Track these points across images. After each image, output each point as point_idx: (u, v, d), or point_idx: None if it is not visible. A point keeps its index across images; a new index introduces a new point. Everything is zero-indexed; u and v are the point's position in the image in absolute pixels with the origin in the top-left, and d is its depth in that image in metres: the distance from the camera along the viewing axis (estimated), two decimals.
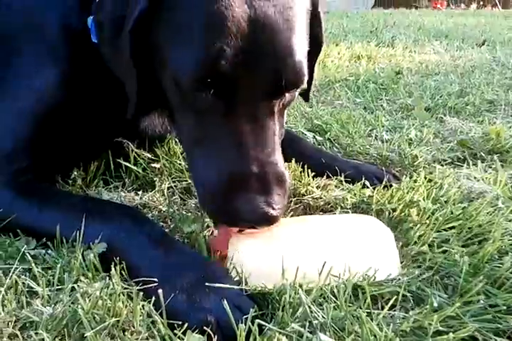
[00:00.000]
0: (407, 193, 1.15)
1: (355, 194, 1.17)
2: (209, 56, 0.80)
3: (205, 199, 0.91)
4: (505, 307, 0.78)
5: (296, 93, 0.90)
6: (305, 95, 1.16)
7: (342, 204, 1.13)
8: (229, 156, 0.85)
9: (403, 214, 1.07)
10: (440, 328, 0.72)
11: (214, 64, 0.80)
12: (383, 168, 1.33)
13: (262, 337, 0.70)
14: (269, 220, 0.84)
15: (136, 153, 1.24)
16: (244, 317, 0.71)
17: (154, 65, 0.90)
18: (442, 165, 1.43)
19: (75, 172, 1.15)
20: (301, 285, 0.79)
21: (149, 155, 1.28)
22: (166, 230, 0.99)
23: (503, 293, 0.83)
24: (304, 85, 0.90)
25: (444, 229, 1.03)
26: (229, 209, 0.84)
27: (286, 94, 0.87)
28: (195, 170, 0.93)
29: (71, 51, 1.06)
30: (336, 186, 1.24)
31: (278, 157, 0.88)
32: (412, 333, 0.72)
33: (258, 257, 0.85)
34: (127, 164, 1.23)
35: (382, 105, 2.11)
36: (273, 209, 0.83)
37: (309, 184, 1.21)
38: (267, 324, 0.72)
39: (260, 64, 0.81)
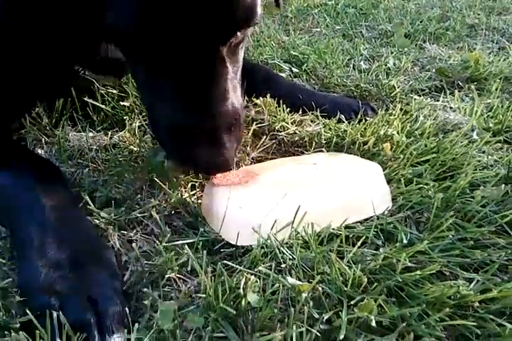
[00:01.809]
0: (382, 127, 1.13)
1: (330, 129, 1.15)
2: (146, 3, 0.71)
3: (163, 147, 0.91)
4: (472, 242, 0.78)
5: (249, 31, 0.84)
6: (276, 2, 1.06)
7: (316, 140, 1.11)
8: (177, 109, 0.81)
9: (376, 148, 1.06)
10: (409, 264, 0.73)
11: (152, 11, 0.71)
12: (360, 101, 1.30)
13: (232, 277, 0.70)
14: (223, 168, 0.86)
15: (103, 90, 1.19)
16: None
17: (90, 11, 0.80)
18: (419, 96, 1.40)
19: (38, 109, 1.10)
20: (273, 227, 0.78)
21: (116, 92, 1.22)
22: (137, 170, 0.97)
23: (472, 227, 0.83)
24: (259, 20, 0.82)
25: (418, 163, 1.02)
26: (184, 160, 0.86)
27: (238, 33, 0.79)
28: (150, 117, 0.93)
29: None
30: (311, 121, 1.21)
31: (230, 101, 0.83)
32: (382, 270, 0.73)
33: (233, 203, 0.83)
34: (94, 102, 1.18)
35: (361, 32, 2.04)
36: (223, 157, 0.83)
37: (284, 120, 1.18)
38: (234, 264, 0.73)
39: (205, 5, 0.71)
